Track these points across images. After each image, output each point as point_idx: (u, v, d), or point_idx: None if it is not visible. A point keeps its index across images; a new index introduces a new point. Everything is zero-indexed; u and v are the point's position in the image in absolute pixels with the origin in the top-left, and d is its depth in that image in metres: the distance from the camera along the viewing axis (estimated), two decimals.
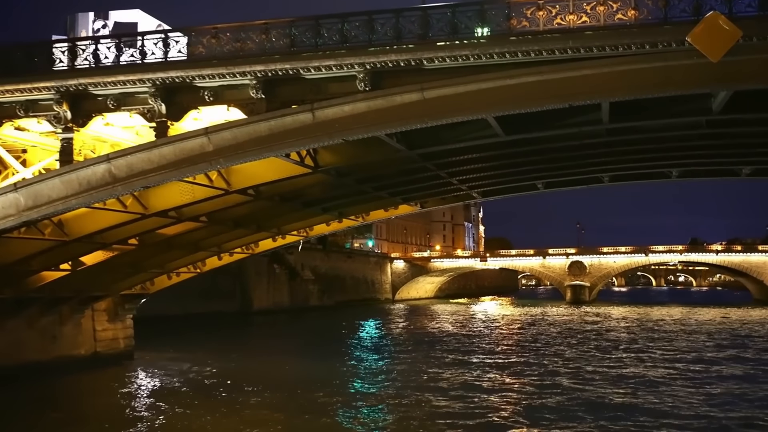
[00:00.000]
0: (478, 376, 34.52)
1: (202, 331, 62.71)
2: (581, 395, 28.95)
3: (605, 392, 29.69)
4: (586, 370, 36.36)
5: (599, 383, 32.07)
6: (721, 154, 27.29)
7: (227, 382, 33.43)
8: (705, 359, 40.07)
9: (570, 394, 28.97)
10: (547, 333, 60.67)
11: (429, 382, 32.32)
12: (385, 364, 40.81)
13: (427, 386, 31.24)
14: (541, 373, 35.49)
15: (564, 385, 31.14)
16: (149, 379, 34.92)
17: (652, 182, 33.57)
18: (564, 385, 31.34)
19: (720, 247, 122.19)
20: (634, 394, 29.42)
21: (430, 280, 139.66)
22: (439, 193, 32.18)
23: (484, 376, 34.21)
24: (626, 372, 35.59)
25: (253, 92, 19.10)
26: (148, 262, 31.80)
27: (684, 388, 30.41)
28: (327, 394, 29.40)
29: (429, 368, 37.02)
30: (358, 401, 28.15)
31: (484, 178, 29.41)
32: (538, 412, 25.77)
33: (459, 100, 17.91)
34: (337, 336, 61.42)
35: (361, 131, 18.78)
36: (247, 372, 36.05)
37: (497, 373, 35.30)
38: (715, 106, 19.53)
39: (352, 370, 37.81)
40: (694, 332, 60.80)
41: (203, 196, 23.21)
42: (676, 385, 31.35)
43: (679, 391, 29.89)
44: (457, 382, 32.59)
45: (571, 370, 36.05)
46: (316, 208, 30.33)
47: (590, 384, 31.71)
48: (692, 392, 29.49)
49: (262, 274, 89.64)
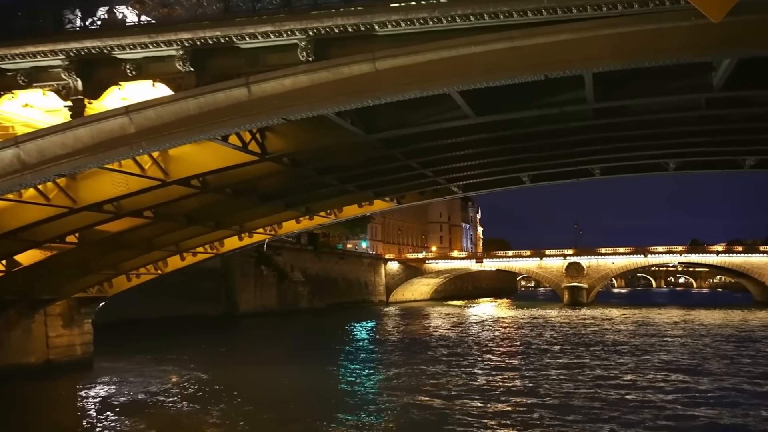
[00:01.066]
0: (461, 386, 32.12)
1: (181, 336, 59.97)
2: (566, 408, 26.49)
3: (590, 405, 27.19)
4: (574, 380, 33.82)
5: (585, 394, 29.60)
6: (722, 142, 24.60)
7: (197, 393, 30.94)
8: (704, 370, 37.37)
9: (552, 410, 26.47)
10: (539, 338, 57.99)
11: (412, 391, 30.35)
12: (372, 371, 38.59)
13: (410, 394, 29.56)
14: (529, 381, 33.12)
15: (546, 399, 28.70)
16: (104, 391, 32.22)
17: (648, 175, 30.88)
18: (546, 398, 28.89)
19: (720, 248, 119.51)
20: (625, 405, 27.04)
21: (425, 282, 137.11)
22: (413, 186, 29.45)
23: (468, 387, 31.79)
24: (617, 381, 33.08)
25: (180, 64, 16.42)
26: (97, 263, 29.18)
27: (683, 404, 27.78)
28: (309, 406, 27.33)
29: (412, 377, 34.87)
30: (345, 414, 25.83)
31: (461, 170, 26.66)
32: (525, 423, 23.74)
33: (417, 72, 15.23)
34: (325, 340, 58.98)
35: (304, 109, 16.09)
36: (223, 381, 33.52)
37: (481, 383, 32.87)
38: (717, 80, 16.87)
39: (339, 377, 35.42)
40: (693, 337, 58.07)
41: (138, 187, 20.55)
42: (674, 401, 28.69)
43: (677, 407, 27.33)
44: (441, 391, 30.45)
45: (558, 381, 33.55)
46: (278, 203, 27.60)
47: (575, 397, 29.22)
48: (690, 408, 26.93)
49: (249, 276, 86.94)
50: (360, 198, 30.02)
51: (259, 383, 33.00)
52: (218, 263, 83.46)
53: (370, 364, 41.99)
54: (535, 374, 35.79)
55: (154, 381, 34.55)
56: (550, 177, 30.52)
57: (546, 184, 31.43)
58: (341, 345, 52.39)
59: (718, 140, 24.62)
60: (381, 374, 37.39)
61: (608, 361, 41.25)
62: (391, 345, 54.17)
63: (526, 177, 29.93)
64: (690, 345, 49.58)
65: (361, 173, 25.02)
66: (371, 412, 26.31)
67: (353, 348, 51.07)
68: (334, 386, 32.35)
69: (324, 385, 32.60)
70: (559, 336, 59.01)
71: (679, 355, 42.63)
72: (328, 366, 39.29)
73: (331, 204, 30.64)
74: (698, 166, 29.61)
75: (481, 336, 60.25)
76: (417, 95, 15.81)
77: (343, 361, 41.93)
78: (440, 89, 15.63)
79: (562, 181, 31.17)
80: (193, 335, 61.08)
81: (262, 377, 34.46)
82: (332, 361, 41.34)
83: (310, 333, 71.82)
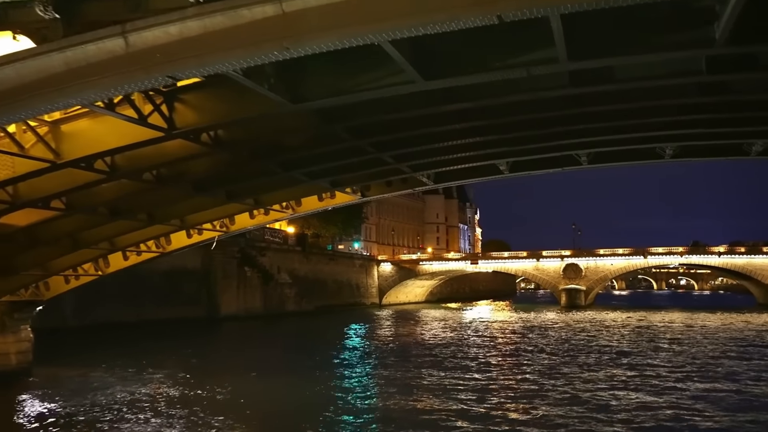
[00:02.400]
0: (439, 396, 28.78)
1: (155, 341, 56.61)
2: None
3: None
4: (560, 393, 30.42)
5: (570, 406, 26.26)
6: (727, 120, 21.11)
7: (145, 406, 27.58)
8: (704, 384, 33.85)
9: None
10: (529, 345, 54.54)
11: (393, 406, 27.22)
12: (357, 380, 35.24)
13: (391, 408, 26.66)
14: (511, 398, 29.74)
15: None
16: (36, 405, 28.81)
17: (643, 164, 27.39)
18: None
19: (722, 249, 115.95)
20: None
21: (419, 284, 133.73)
22: (374, 175, 25.94)
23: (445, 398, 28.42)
24: (605, 395, 29.67)
25: (41, 9, 12.98)
26: (15, 262, 25.74)
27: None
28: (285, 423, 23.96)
29: (394, 387, 31.88)
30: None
31: (425, 155, 23.17)
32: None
33: (335, 13, 11.80)
34: (309, 346, 55.71)
35: (193, 64, 12.63)
36: (187, 393, 30.11)
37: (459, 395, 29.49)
38: (719, 32, 13.41)
39: (321, 390, 31.76)
40: (694, 343, 54.56)
41: (25, 170, 17.13)
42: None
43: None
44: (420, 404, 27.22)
45: (542, 394, 30.17)
46: (217, 193, 24.10)
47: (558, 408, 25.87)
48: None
49: (232, 277, 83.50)
50: (315, 189, 26.56)
51: (230, 396, 29.36)
52: (199, 264, 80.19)
53: (354, 372, 38.73)
54: (519, 387, 32.49)
55: (103, 392, 31.10)
56: (530, 165, 27.03)
57: (527, 174, 27.91)
58: (326, 352, 48.86)
59: (722, 118, 21.13)
60: (367, 384, 34.25)
61: (597, 372, 37.79)
62: (377, 351, 50.89)
63: (504, 165, 26.48)
64: (690, 354, 45.99)
65: (305, 157, 21.52)
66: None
67: (339, 355, 47.46)
68: (315, 401, 28.72)
69: (304, 398, 29.06)
70: (549, 343, 55.53)
71: (677, 367, 39.08)
72: (307, 376, 35.93)
73: (284, 196, 27.15)
74: (698, 152, 26.13)
75: (467, 341, 56.80)
76: (337, 46, 12.35)
77: (325, 370, 38.38)
78: (366, 35, 12.16)
79: (545, 170, 27.66)
80: (169, 339, 57.76)
81: (234, 388, 30.91)
82: (313, 371, 37.92)
83: (295, 337, 68.37)
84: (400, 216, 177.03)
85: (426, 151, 22.39)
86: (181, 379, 34.25)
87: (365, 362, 43.99)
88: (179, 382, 33.24)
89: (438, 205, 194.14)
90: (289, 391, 30.78)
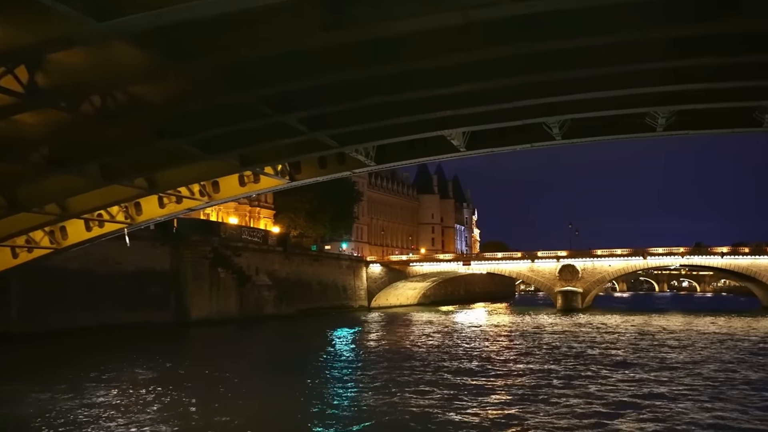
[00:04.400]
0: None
1: (114, 348, 51.79)
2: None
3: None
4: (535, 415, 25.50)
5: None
6: (731, 73, 16.10)
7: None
8: (707, 405, 28.83)
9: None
10: (514, 350, 49.57)
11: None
12: (325, 397, 30.51)
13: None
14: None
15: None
16: None
17: (631, 138, 22.35)
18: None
19: (725, 250, 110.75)
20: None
21: (411, 286, 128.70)
22: (293, 150, 20.92)
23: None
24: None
25: None
26: None
27: None
28: None
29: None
30: None
31: (347, 120, 18.13)
32: None
33: None
34: (279, 354, 50.90)
35: None
36: (117, 411, 25.46)
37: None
38: None
39: (288, 408, 27.17)
40: (695, 352, 49.46)
41: None
42: None
43: None
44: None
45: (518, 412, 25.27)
46: (86, 170, 19.05)
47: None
48: None
49: (203, 279, 78.33)
50: (225, 168, 21.54)
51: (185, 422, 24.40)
52: (167, 265, 75.21)
53: (327, 387, 33.89)
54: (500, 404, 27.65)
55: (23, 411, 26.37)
56: (492, 140, 21.99)
57: (489, 152, 22.86)
58: (297, 362, 43.89)
59: (725, 74, 16.11)
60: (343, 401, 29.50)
61: (579, 390, 32.84)
62: (349, 360, 46.16)
63: (459, 140, 21.41)
64: (690, 368, 40.83)
65: (178, 119, 16.46)
66: None
67: (310, 365, 42.31)
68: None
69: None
70: (540, 350, 50.54)
71: (676, 385, 34.06)
72: (273, 389, 31.26)
73: (186, 176, 22.10)
74: (698, 123, 21.04)
75: (446, 350, 51.77)
76: None
77: (294, 385, 33.40)
78: None
79: (510, 146, 22.60)
80: (130, 346, 52.93)
81: (192, 410, 25.95)
82: (281, 386, 33.17)
83: (268, 344, 63.44)
84: (394, 216, 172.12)
85: (347, 114, 17.34)
86: (127, 398, 29.26)
87: (337, 373, 39.00)
88: (123, 402, 28.25)
89: (433, 205, 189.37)
90: (255, 413, 25.91)
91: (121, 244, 70.69)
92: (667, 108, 18.70)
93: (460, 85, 15.61)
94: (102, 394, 30.31)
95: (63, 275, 61.47)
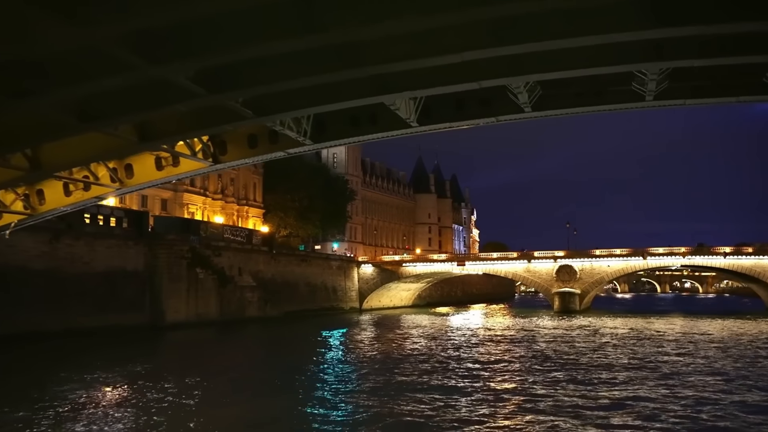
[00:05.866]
0: None
1: (80, 354, 48.39)
2: None
3: None
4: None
5: None
6: (734, 11, 12.44)
7: None
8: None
9: None
10: (507, 357, 45.99)
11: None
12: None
13: None
14: None
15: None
16: None
17: (615, 109, 18.68)
18: None
19: (728, 250, 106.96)
20: None
21: (404, 287, 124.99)
22: (200, 122, 17.23)
23: None
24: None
25: None
26: None
27: None
28: None
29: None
30: None
31: (262, 80, 14.41)
32: None
33: None
34: (255, 361, 47.42)
35: None
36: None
37: None
38: None
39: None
40: (698, 365, 45.82)
41: None
42: None
43: None
44: None
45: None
46: None
47: None
48: None
49: (180, 280, 74.67)
50: (123, 146, 17.88)
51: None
52: (141, 265, 71.54)
53: (307, 399, 30.54)
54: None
55: None
56: (446, 112, 18.32)
57: (447, 127, 19.17)
58: (272, 371, 40.39)
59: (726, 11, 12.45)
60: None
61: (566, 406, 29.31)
62: (332, 368, 42.85)
63: (407, 111, 17.74)
64: (693, 383, 37.16)
65: (49, 75, 12.76)
66: None
67: (282, 376, 38.70)
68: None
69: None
70: (526, 360, 46.99)
71: (672, 405, 30.44)
72: (242, 406, 27.77)
73: (74, 154, 18.39)
74: (694, 89, 17.36)
75: (431, 355, 48.17)
76: None
77: (268, 397, 30.00)
78: None
79: (472, 121, 18.93)
80: (97, 352, 49.55)
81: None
82: (251, 398, 29.76)
83: (244, 350, 59.79)
84: (389, 215, 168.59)
85: (252, 68, 13.64)
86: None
87: (316, 385, 35.51)
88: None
89: (430, 205, 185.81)
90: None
91: (90, 242, 68.15)
92: (656, 65, 15.05)
93: (391, 23, 11.90)
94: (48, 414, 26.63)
95: (23, 276, 57.93)
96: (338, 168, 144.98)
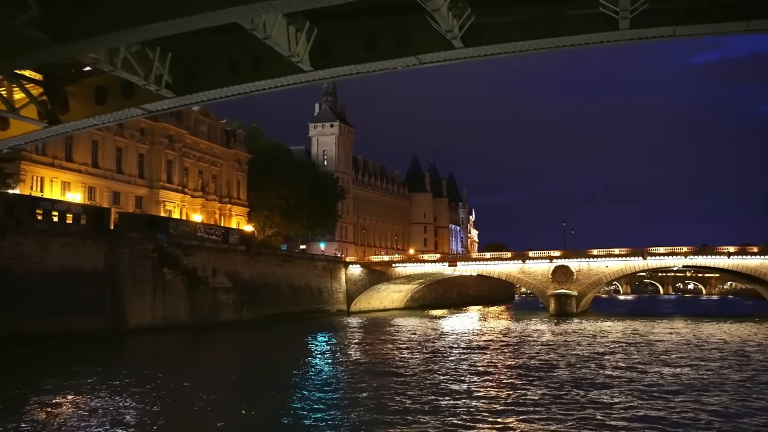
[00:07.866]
0: None
1: (24, 364, 43.41)
2: None
3: None
4: None
5: None
6: None
7: None
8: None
9: None
10: (488, 366, 40.97)
11: None
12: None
13: None
14: None
15: None
16: None
17: (582, 46, 13.64)
18: None
19: (732, 250, 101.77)
20: None
21: (395, 288, 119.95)
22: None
23: None
24: None
25: None
26: None
27: None
28: None
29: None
30: None
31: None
32: None
33: None
34: (222, 371, 42.45)
35: None
36: None
37: None
38: None
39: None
40: (701, 377, 40.76)
41: None
42: None
43: None
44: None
45: None
46: None
47: None
48: None
49: (145, 281, 69.58)
50: None
51: None
52: (101, 265, 66.35)
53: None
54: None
55: None
56: (352, 50, 13.27)
57: (353, 72, 14.13)
58: (240, 382, 35.54)
59: None
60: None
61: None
62: (302, 380, 37.98)
63: (297, 49, 12.68)
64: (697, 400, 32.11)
65: None
66: None
67: (258, 389, 33.71)
68: None
69: None
70: (512, 370, 42.05)
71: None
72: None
73: None
74: (689, 12, 12.25)
75: (410, 365, 43.16)
76: None
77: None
78: None
79: (386, 62, 13.88)
80: (43, 362, 44.30)
81: None
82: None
83: (210, 358, 54.49)
84: (382, 215, 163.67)
85: None
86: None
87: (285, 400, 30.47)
88: None
89: (425, 204, 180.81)
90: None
91: (42, 240, 63.12)
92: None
93: None
94: None
95: None
96: (329, 165, 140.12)
